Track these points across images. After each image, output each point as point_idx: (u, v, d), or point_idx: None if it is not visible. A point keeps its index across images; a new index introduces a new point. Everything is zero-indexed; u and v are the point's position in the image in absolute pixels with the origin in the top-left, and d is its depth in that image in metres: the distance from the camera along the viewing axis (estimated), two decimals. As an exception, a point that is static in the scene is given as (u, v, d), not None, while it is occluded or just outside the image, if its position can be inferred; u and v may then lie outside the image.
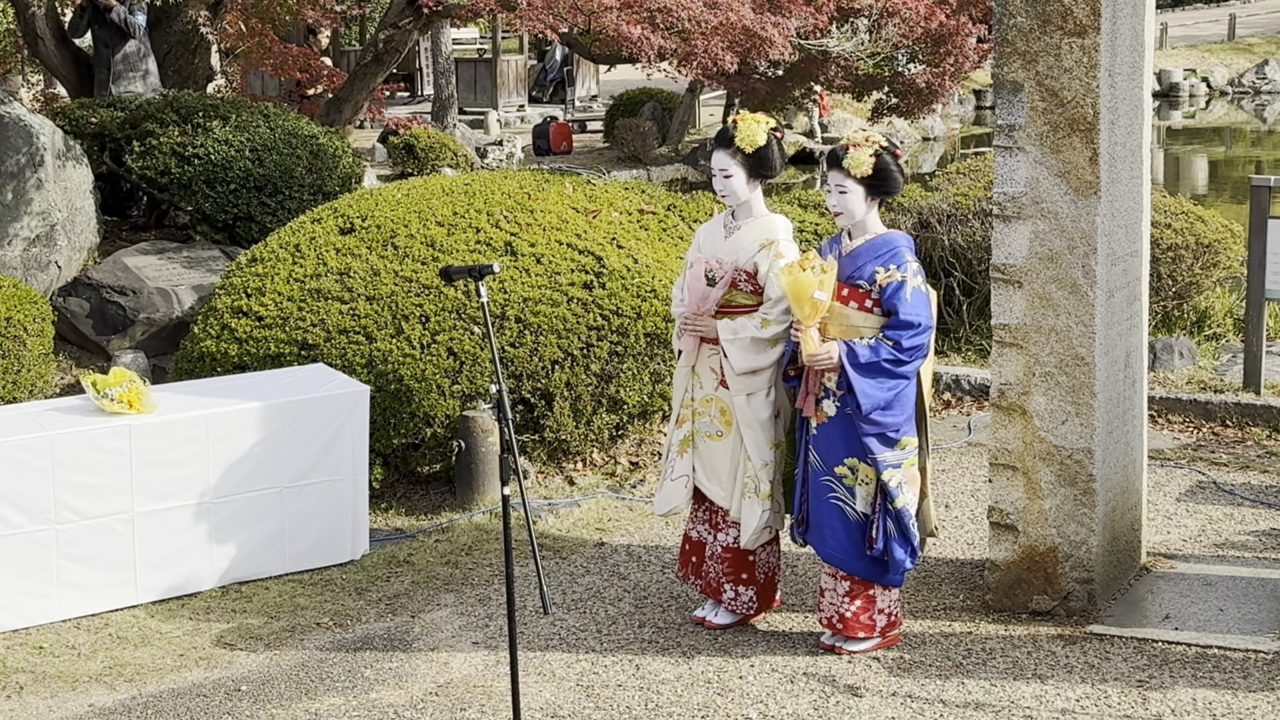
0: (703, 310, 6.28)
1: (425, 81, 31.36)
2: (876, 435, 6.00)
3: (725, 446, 6.34)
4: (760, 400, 6.26)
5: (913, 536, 6.07)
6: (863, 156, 5.99)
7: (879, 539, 6.05)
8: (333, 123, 14.76)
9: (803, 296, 5.92)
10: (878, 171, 6.02)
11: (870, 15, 16.48)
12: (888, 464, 6.01)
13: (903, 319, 5.92)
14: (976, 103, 33.86)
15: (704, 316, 6.28)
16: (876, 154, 6.01)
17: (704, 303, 6.28)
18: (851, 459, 6.05)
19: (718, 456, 6.36)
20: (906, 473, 6.07)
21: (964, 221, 10.94)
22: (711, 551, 6.49)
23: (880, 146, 6.04)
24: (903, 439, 6.04)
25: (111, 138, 12.30)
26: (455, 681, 6.09)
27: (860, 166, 6.00)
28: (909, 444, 6.07)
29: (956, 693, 5.80)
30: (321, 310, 8.38)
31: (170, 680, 6.21)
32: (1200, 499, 7.91)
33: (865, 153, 6.00)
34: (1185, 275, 10.65)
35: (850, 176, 6.02)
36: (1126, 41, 6.38)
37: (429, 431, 8.15)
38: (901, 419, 6.02)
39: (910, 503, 6.07)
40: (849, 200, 6.05)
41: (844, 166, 6.03)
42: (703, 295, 6.28)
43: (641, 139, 23.50)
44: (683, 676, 6.04)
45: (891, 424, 6.00)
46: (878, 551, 6.06)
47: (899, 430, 6.02)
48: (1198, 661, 6.00)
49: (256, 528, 7.17)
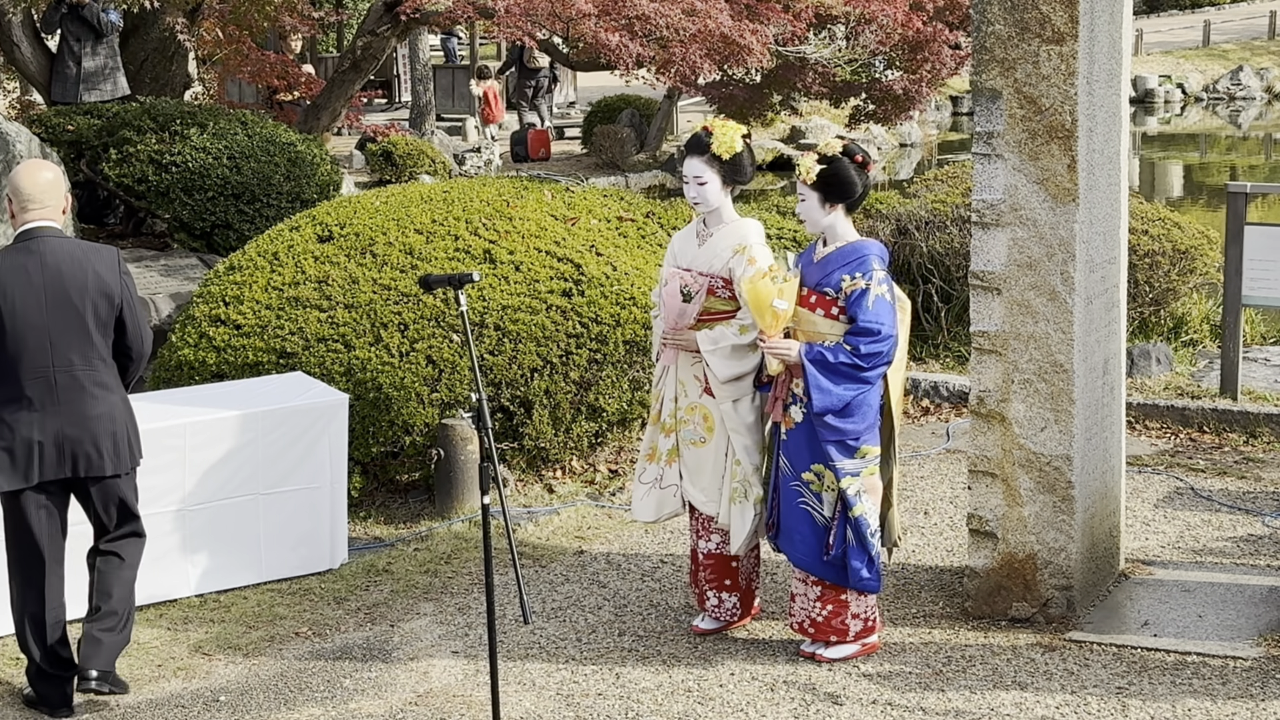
0: (680, 326, 6.29)
1: (403, 88, 31.31)
2: (835, 442, 6.00)
3: (708, 452, 6.34)
4: (746, 405, 6.28)
5: (870, 546, 6.07)
6: (809, 163, 6.04)
7: (835, 545, 6.06)
8: (310, 130, 14.73)
9: (763, 305, 5.94)
10: (826, 177, 6.03)
11: (848, 22, 16.48)
12: (846, 471, 6.02)
13: (861, 325, 5.92)
14: (953, 109, 33.94)
15: (682, 330, 6.29)
16: (826, 159, 6.02)
17: (681, 319, 6.29)
18: (818, 465, 6.06)
19: (700, 462, 6.37)
20: (865, 481, 6.07)
21: (942, 228, 10.96)
22: (698, 559, 6.50)
23: (834, 153, 6.05)
24: (863, 447, 6.04)
25: (88, 145, 12.26)
26: (435, 691, 6.08)
27: (808, 173, 6.03)
28: (869, 452, 6.07)
29: (936, 700, 5.80)
30: (300, 318, 8.36)
31: (148, 690, 6.18)
32: (1178, 505, 7.93)
33: (811, 159, 6.04)
34: (1163, 282, 10.69)
35: (803, 183, 6.06)
36: (1104, 49, 6.40)
37: (408, 440, 8.13)
38: (861, 427, 6.02)
39: (868, 511, 6.07)
40: (806, 207, 6.12)
41: (797, 174, 6.10)
42: (679, 311, 6.28)
43: (620, 146, 23.50)
44: (663, 685, 6.03)
45: (850, 431, 6.00)
46: (834, 557, 6.06)
47: (859, 438, 6.03)
48: (1177, 668, 6.01)
49: (234, 536, 7.15)
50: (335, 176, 12.73)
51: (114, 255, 6.07)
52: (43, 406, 5.84)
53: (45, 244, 5.90)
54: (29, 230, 5.93)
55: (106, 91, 13.99)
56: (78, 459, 5.89)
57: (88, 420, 5.89)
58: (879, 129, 24.96)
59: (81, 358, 5.89)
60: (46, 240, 5.91)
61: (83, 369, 5.89)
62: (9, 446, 5.83)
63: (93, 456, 5.91)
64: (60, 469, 5.88)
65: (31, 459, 5.83)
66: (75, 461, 5.88)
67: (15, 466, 5.84)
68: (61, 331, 5.84)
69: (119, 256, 6.10)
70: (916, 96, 16.87)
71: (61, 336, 5.84)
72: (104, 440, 5.93)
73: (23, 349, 5.81)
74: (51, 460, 5.86)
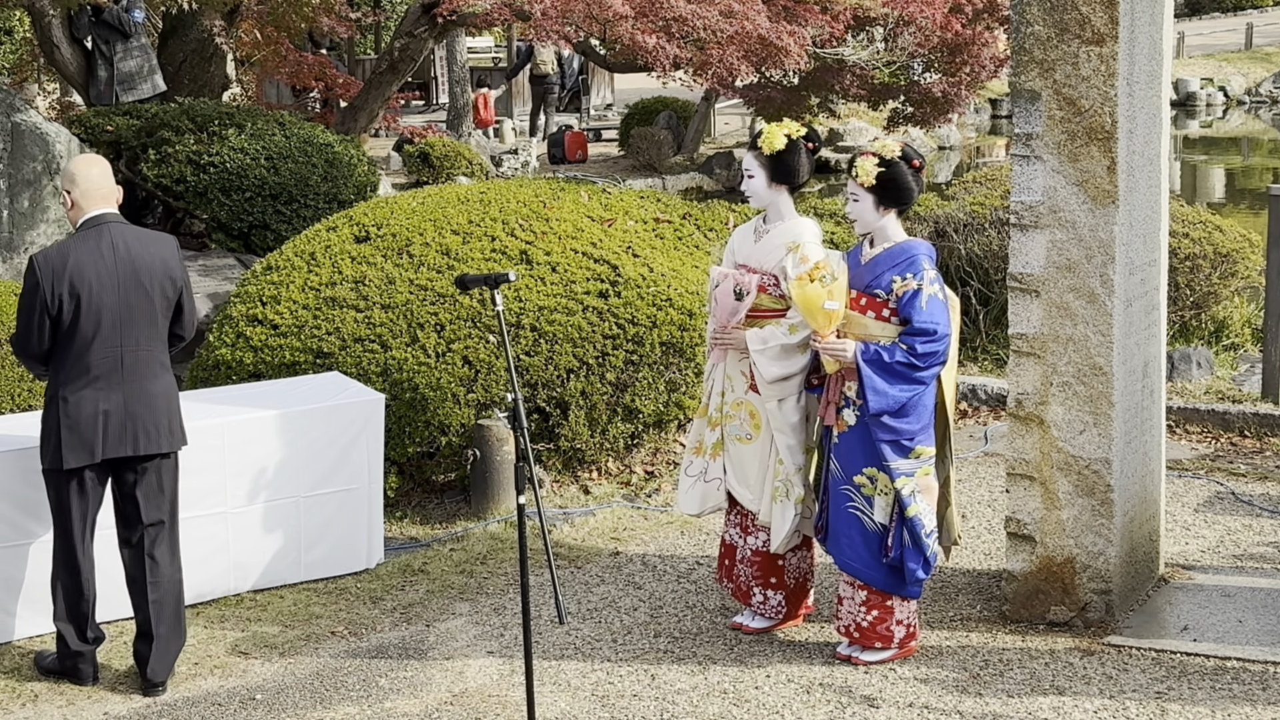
0: (730, 325, 6.30)
1: (440, 90, 31.37)
2: (890, 443, 5.98)
3: (754, 450, 6.35)
4: (791, 405, 6.28)
5: (925, 547, 6.05)
6: (868, 166, 6.02)
7: (894, 548, 6.04)
8: (348, 131, 14.77)
9: (813, 308, 5.92)
10: (884, 181, 6.02)
11: (886, 24, 16.45)
12: (900, 472, 6.00)
13: (917, 326, 5.90)
14: (992, 111, 33.79)
15: (731, 330, 6.30)
16: (885, 163, 6.01)
17: (732, 317, 6.31)
18: (870, 468, 6.04)
19: (746, 459, 6.38)
20: (920, 481, 6.04)
21: (980, 230, 10.91)
22: (742, 555, 6.51)
23: (892, 156, 6.04)
24: (917, 447, 6.02)
25: (127, 146, 12.32)
26: (470, 691, 6.08)
27: (866, 175, 6.01)
28: (924, 453, 6.05)
29: (974, 704, 5.77)
30: (337, 318, 8.37)
31: (185, 688, 6.20)
32: (1218, 510, 7.87)
33: (871, 162, 6.02)
34: (1203, 285, 10.61)
35: (860, 185, 6.04)
36: (1145, 50, 6.36)
37: (444, 440, 8.14)
38: (917, 427, 6.00)
39: (923, 512, 6.04)
40: (860, 209, 6.09)
41: (853, 175, 6.06)
42: (731, 310, 6.31)
43: (657, 148, 23.49)
44: (698, 687, 6.02)
45: (906, 431, 5.98)
46: (893, 559, 6.04)
47: (914, 439, 6.00)
48: (1216, 673, 5.96)
49: (272, 536, 7.16)
50: (372, 177, 12.76)
51: (174, 243, 6.40)
52: (109, 384, 6.09)
53: (113, 229, 6.17)
54: (95, 217, 6.18)
55: (144, 91, 14.08)
56: (138, 436, 6.14)
57: (151, 398, 6.18)
58: (917, 132, 24.87)
59: (147, 338, 6.17)
60: (113, 226, 6.18)
61: (147, 349, 6.18)
62: (74, 424, 6.05)
63: (151, 433, 6.17)
64: (121, 445, 6.12)
65: (96, 435, 6.07)
66: (136, 438, 6.13)
67: (82, 443, 6.06)
68: (131, 312, 6.11)
69: (178, 244, 6.42)
70: (955, 99, 16.80)
71: (131, 316, 6.11)
72: (162, 418, 6.21)
73: (97, 329, 6.06)
74: (115, 436, 6.10)
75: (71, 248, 6.09)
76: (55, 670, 6.30)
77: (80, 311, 6.01)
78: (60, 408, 6.05)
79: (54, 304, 6.00)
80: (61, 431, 6.03)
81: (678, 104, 25.10)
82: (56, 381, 6.09)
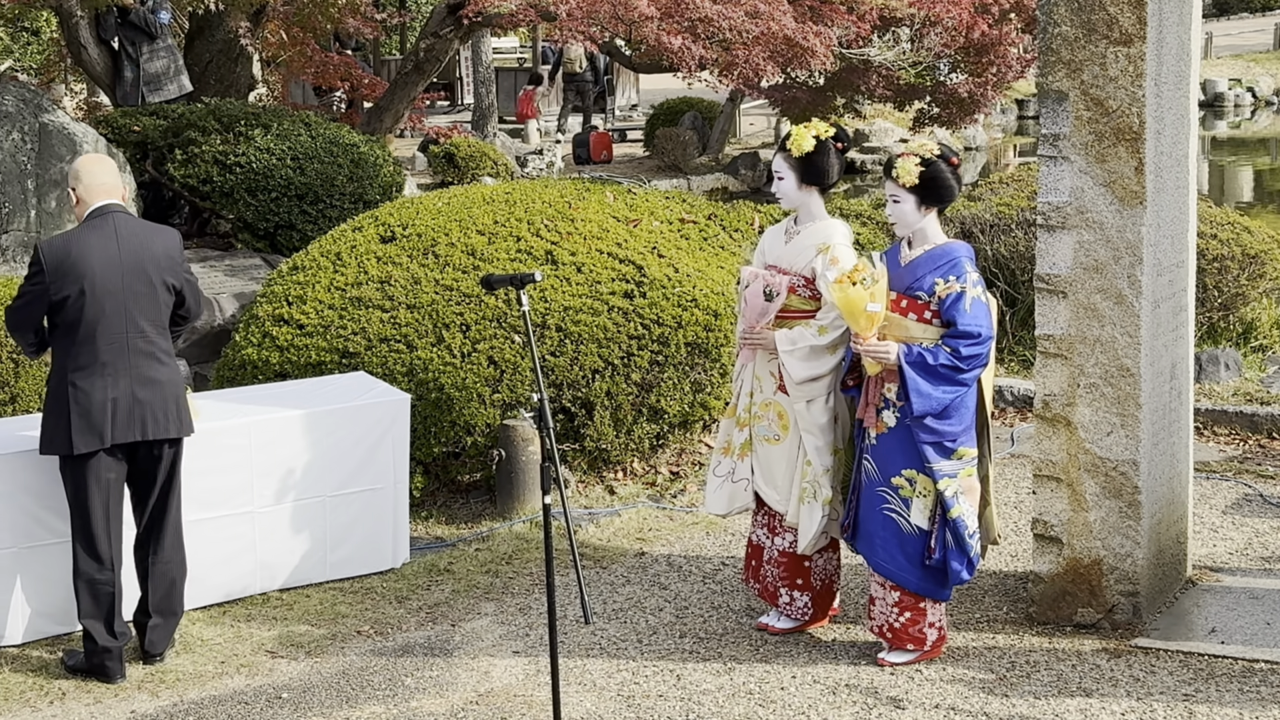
0: (759, 326, 6.30)
1: (465, 91, 31.41)
2: (933, 444, 5.96)
3: (782, 450, 6.35)
4: (820, 406, 6.27)
5: (969, 548, 6.03)
6: (910, 166, 5.99)
7: (938, 549, 6.02)
8: (373, 131, 14.80)
9: (856, 311, 5.91)
10: (926, 180, 6.00)
11: (912, 24, 16.43)
12: (943, 473, 5.98)
13: (962, 329, 5.89)
14: (1019, 112, 33.70)
15: (760, 331, 6.30)
16: (925, 163, 6.00)
17: (762, 318, 6.31)
18: (910, 470, 6.02)
19: (774, 460, 6.37)
20: (963, 482, 6.03)
21: (1007, 231, 10.88)
22: (769, 556, 6.50)
23: (932, 155, 6.02)
24: (960, 449, 6.00)
25: (154, 146, 12.36)
26: (496, 690, 6.08)
27: (908, 176, 5.99)
28: (966, 454, 6.03)
29: (1000, 706, 5.75)
30: (362, 318, 8.39)
31: (211, 687, 6.21)
32: (1246, 512, 7.84)
33: (912, 162, 6.00)
34: (1231, 286, 10.56)
35: (901, 186, 6.02)
36: (1173, 50, 6.33)
37: (469, 440, 8.15)
38: (959, 429, 5.99)
39: (966, 513, 6.02)
40: (902, 210, 6.07)
41: (894, 176, 6.04)
42: (761, 311, 6.30)
43: (682, 148, 23.49)
44: (724, 687, 6.01)
45: (949, 433, 5.97)
46: (936, 561, 6.02)
47: (956, 440, 5.99)
48: (1244, 676, 5.94)
49: (298, 535, 7.18)
50: (398, 178, 12.78)
51: (177, 235, 6.51)
52: (115, 371, 6.18)
53: (117, 219, 6.28)
54: (100, 208, 6.28)
55: (170, 91, 14.13)
56: (146, 421, 6.23)
57: (157, 384, 6.27)
58: (943, 132, 24.83)
59: (151, 325, 6.27)
60: (118, 216, 6.29)
61: (152, 336, 6.27)
62: (85, 410, 6.14)
63: (159, 419, 6.27)
64: (130, 430, 6.21)
65: (104, 420, 6.15)
66: (144, 423, 6.23)
67: (91, 429, 6.15)
68: (136, 299, 6.21)
69: (180, 237, 6.52)
70: (981, 100, 16.78)
71: (135, 304, 6.22)
72: (169, 403, 6.30)
73: (102, 316, 6.15)
74: (123, 421, 6.19)
75: (76, 236, 6.21)
76: (83, 669, 6.33)
77: (85, 298, 6.11)
78: (71, 394, 6.14)
79: (57, 291, 6.11)
80: (73, 417, 6.12)
81: (703, 104, 25.10)
82: (64, 369, 6.19)
